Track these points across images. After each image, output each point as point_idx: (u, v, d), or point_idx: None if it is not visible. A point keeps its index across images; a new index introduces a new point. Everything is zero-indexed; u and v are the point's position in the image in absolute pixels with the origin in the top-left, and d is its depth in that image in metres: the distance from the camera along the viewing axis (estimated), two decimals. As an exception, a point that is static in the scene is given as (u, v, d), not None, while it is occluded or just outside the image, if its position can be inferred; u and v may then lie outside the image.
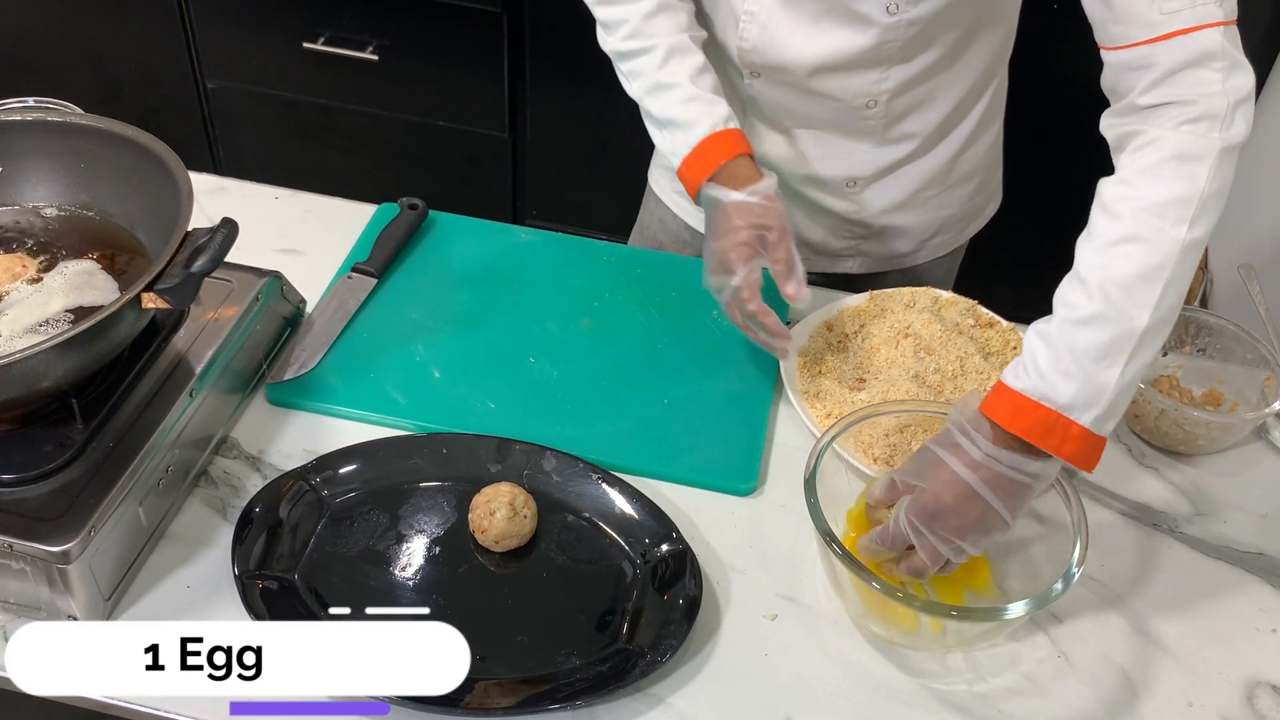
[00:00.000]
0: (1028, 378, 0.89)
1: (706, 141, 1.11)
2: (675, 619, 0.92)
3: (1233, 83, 0.91)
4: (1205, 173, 0.89)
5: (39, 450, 0.92)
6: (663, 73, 1.14)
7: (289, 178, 1.51)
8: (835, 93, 1.17)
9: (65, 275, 1.00)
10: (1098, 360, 0.88)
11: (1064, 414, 0.88)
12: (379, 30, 2.17)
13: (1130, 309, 0.88)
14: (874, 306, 1.22)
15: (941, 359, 1.15)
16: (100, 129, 1.03)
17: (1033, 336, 0.92)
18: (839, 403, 1.12)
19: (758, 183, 1.09)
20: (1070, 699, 0.92)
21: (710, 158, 1.11)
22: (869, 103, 1.17)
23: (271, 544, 0.96)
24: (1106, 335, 0.88)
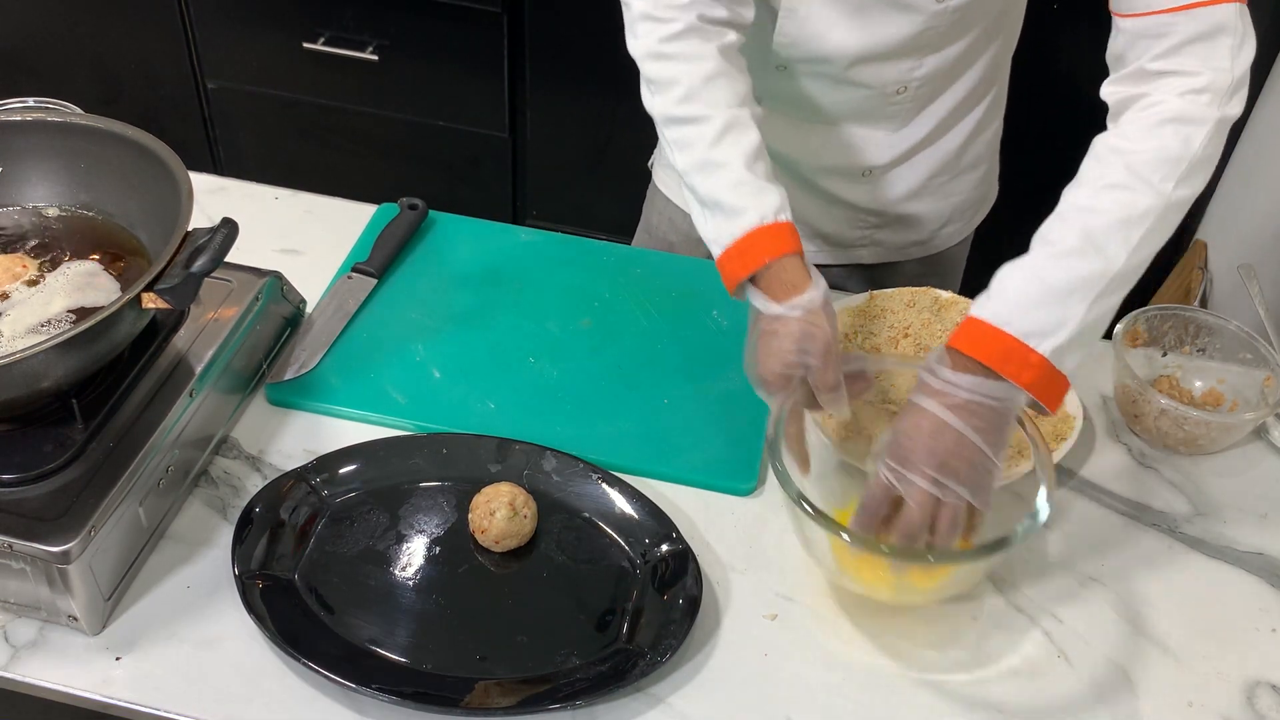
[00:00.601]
0: (991, 305, 0.91)
1: (754, 235, 0.99)
2: (675, 619, 0.92)
3: (1240, 59, 0.93)
4: (1200, 138, 0.91)
5: (39, 450, 0.92)
6: (715, 150, 1.01)
7: (289, 178, 1.51)
8: (869, 81, 1.15)
9: (67, 276, 1.00)
10: (1067, 293, 0.89)
11: (1023, 340, 0.89)
12: (379, 30, 2.17)
13: (1109, 248, 0.90)
14: (874, 307, 1.22)
15: None
16: (100, 129, 1.03)
17: (1005, 268, 0.93)
18: None
19: (802, 294, 0.97)
20: (1070, 699, 0.92)
21: (755, 253, 0.98)
22: (899, 89, 1.16)
23: (271, 544, 0.97)
24: (1080, 271, 0.89)
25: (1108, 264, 0.90)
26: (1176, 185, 0.91)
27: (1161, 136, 0.91)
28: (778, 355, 0.97)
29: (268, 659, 0.90)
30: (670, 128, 1.05)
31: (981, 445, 0.89)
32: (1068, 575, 1.02)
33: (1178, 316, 1.21)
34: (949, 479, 0.89)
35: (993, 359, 0.89)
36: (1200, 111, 0.92)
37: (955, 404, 0.89)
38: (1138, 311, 1.19)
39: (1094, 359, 1.24)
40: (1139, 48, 0.94)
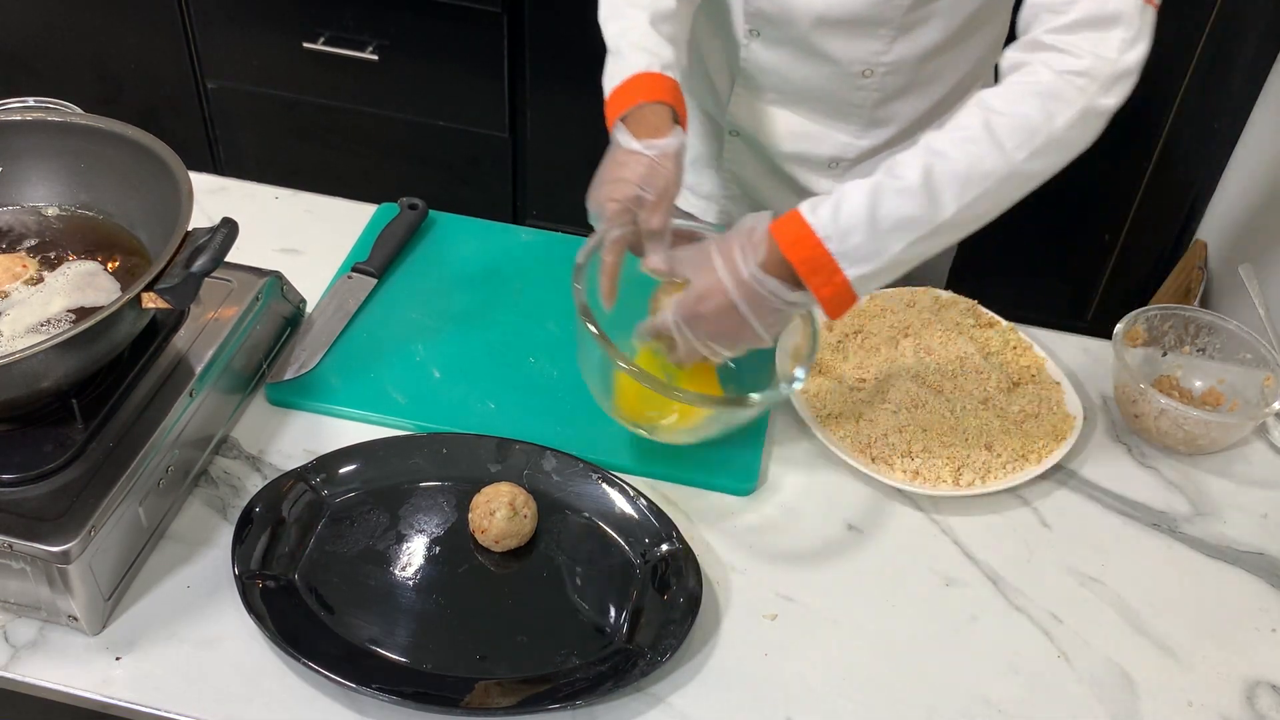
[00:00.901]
0: (823, 216, 0.93)
1: (635, 79, 1.05)
2: (675, 619, 0.92)
3: (1128, 55, 0.94)
4: (1065, 118, 0.92)
5: (39, 450, 0.92)
6: (630, 7, 1.08)
7: (289, 178, 1.51)
8: (835, 54, 1.16)
9: (68, 276, 1.00)
10: (891, 228, 0.93)
11: (837, 260, 0.93)
12: (379, 30, 2.17)
13: (943, 197, 0.92)
14: (874, 306, 1.22)
15: (941, 358, 1.15)
16: (100, 129, 1.03)
17: (848, 186, 0.94)
18: (839, 402, 1.12)
19: (659, 138, 1.01)
20: (1070, 699, 0.93)
21: (630, 95, 1.04)
22: (865, 71, 1.17)
23: (271, 544, 0.97)
24: (909, 210, 0.92)
25: (937, 211, 0.92)
26: (1028, 156, 0.93)
27: (1028, 105, 0.93)
28: (618, 185, 1.01)
29: (268, 659, 0.90)
30: None
31: (760, 331, 0.96)
32: (1068, 575, 1.02)
33: (1178, 316, 1.21)
34: (723, 348, 0.98)
35: (804, 267, 0.93)
36: (1071, 93, 0.93)
37: (751, 295, 0.94)
38: (1138, 311, 1.19)
39: (1094, 359, 1.24)
40: (1041, 19, 0.96)
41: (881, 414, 1.10)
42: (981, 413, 1.11)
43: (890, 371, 1.14)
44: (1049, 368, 1.18)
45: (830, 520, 1.05)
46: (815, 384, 1.15)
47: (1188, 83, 2.03)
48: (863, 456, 1.08)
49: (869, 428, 1.09)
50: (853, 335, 1.19)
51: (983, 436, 1.09)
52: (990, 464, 1.07)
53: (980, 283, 2.51)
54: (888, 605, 0.98)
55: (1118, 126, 1.00)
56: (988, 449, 1.08)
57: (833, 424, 1.11)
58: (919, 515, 1.06)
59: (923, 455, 1.07)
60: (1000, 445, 1.08)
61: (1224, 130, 2.07)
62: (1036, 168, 0.94)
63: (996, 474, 1.07)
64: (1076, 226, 2.26)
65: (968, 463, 1.07)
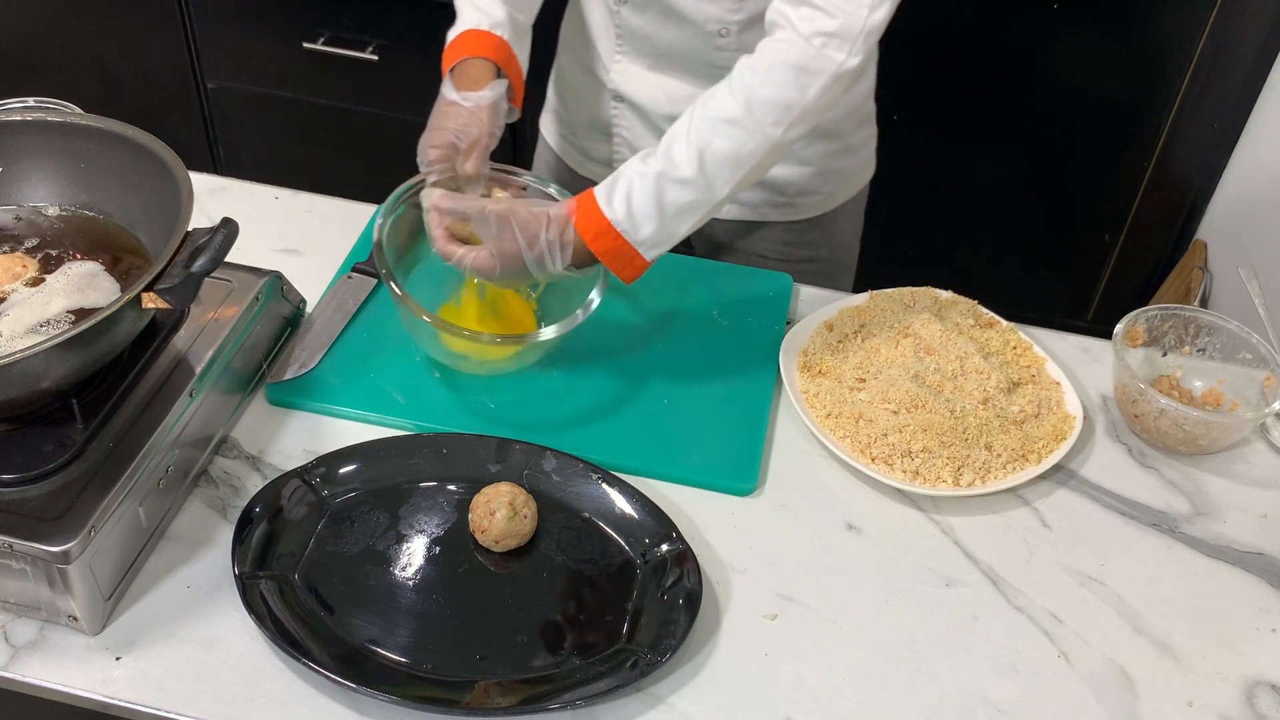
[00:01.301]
0: (620, 211, 1.03)
1: (464, 35, 1.15)
2: (675, 619, 0.92)
3: (875, 15, 1.00)
4: (816, 88, 1.01)
5: (39, 450, 0.92)
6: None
7: (289, 178, 1.51)
8: (690, 14, 1.20)
9: (69, 276, 1.00)
10: (678, 214, 1.04)
11: (637, 248, 1.04)
12: (379, 30, 2.17)
13: (716, 182, 1.03)
14: (873, 306, 1.22)
15: (941, 359, 1.15)
16: (100, 129, 1.03)
17: (635, 176, 1.04)
18: (838, 402, 1.12)
19: (477, 90, 1.12)
20: (1070, 699, 0.93)
21: (457, 50, 1.14)
22: (721, 30, 1.21)
23: (271, 544, 0.97)
24: (691, 197, 1.03)
25: (713, 193, 1.04)
26: (786, 129, 1.02)
27: (780, 82, 1.01)
28: (438, 133, 1.12)
29: (268, 659, 0.90)
30: None
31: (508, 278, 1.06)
32: (1068, 575, 1.02)
33: (1178, 316, 1.21)
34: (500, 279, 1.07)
35: (608, 258, 1.05)
36: (820, 63, 1.00)
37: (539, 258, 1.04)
38: (1138, 311, 1.19)
39: (1094, 359, 1.24)
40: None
41: (881, 414, 1.10)
42: (981, 412, 1.11)
43: (890, 372, 1.14)
44: (1049, 368, 1.18)
45: (830, 520, 1.05)
46: (815, 384, 1.15)
47: (1188, 83, 2.03)
48: (863, 457, 1.08)
49: (869, 428, 1.09)
50: (853, 335, 1.19)
51: (983, 436, 1.09)
52: (990, 464, 1.07)
53: (980, 283, 2.51)
54: (888, 605, 0.98)
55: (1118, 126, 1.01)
56: (988, 449, 1.08)
57: (832, 424, 1.11)
58: (919, 515, 1.06)
59: (923, 455, 1.07)
60: (1000, 445, 1.08)
61: (1224, 130, 2.07)
62: (793, 136, 1.03)
63: (996, 474, 1.07)
64: (1076, 226, 2.26)
65: (968, 462, 1.07)
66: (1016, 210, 2.28)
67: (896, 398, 1.11)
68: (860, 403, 1.12)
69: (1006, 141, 2.15)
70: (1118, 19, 2.00)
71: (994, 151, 2.16)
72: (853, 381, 1.15)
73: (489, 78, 1.13)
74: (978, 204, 2.25)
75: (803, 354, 1.18)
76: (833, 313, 1.22)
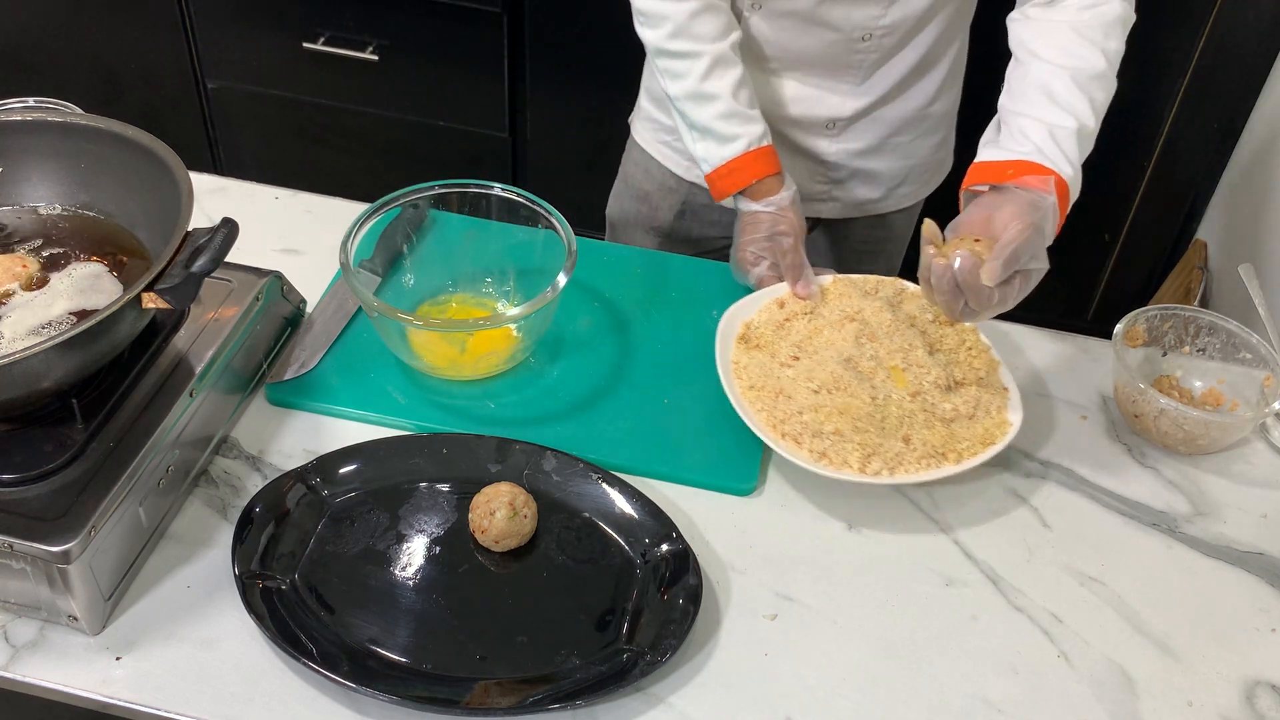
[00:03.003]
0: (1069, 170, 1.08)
1: (744, 158, 1.23)
2: (675, 619, 0.92)
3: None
4: (1125, 38, 1.15)
5: (39, 450, 0.92)
6: (706, 84, 1.21)
7: (289, 178, 1.51)
8: (837, 22, 1.23)
9: (72, 278, 1.00)
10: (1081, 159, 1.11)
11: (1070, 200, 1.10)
12: (379, 30, 2.17)
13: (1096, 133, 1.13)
14: (833, 289, 1.21)
15: (883, 348, 1.13)
16: (100, 129, 1.03)
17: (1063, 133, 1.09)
18: (765, 375, 1.11)
19: (775, 194, 1.23)
20: (1070, 699, 0.93)
21: (744, 174, 1.23)
22: (865, 35, 1.24)
23: (271, 544, 0.97)
24: (1090, 149, 1.12)
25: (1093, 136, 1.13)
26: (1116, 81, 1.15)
27: (1116, 36, 1.14)
28: (753, 240, 1.23)
29: (268, 659, 0.90)
30: (662, 59, 1.24)
31: None
32: (1068, 575, 1.02)
33: (1178, 316, 1.21)
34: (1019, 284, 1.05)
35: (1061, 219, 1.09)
36: (1128, 15, 1.15)
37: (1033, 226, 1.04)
38: (1138, 311, 1.19)
39: (1094, 359, 1.24)
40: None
41: (802, 391, 1.09)
42: (907, 404, 1.09)
43: (824, 353, 1.13)
44: (1002, 373, 1.14)
45: (830, 520, 1.05)
46: (749, 356, 1.14)
47: (1188, 83, 2.03)
48: (774, 431, 1.06)
49: (787, 404, 1.08)
50: (801, 315, 1.19)
51: (902, 428, 1.06)
52: (904, 456, 1.04)
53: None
54: (888, 605, 0.98)
55: (1118, 126, 1.03)
56: (905, 441, 1.06)
57: (753, 396, 1.10)
58: (919, 515, 1.06)
59: (833, 437, 1.05)
60: (919, 439, 1.06)
61: (1224, 130, 2.07)
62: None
63: (908, 468, 1.04)
64: (1076, 226, 2.25)
65: (879, 451, 1.04)
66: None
67: (820, 378, 1.10)
68: (785, 379, 1.11)
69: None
70: (1118, 19, 1.99)
71: (994, 151, 2.16)
72: (786, 358, 1.14)
73: (779, 185, 1.24)
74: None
75: (745, 325, 1.18)
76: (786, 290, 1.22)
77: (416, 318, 1.16)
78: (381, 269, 1.22)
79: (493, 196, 1.20)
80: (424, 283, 1.23)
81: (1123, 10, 1.13)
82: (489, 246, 1.23)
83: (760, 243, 1.23)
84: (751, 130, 1.23)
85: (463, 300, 1.23)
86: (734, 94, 1.22)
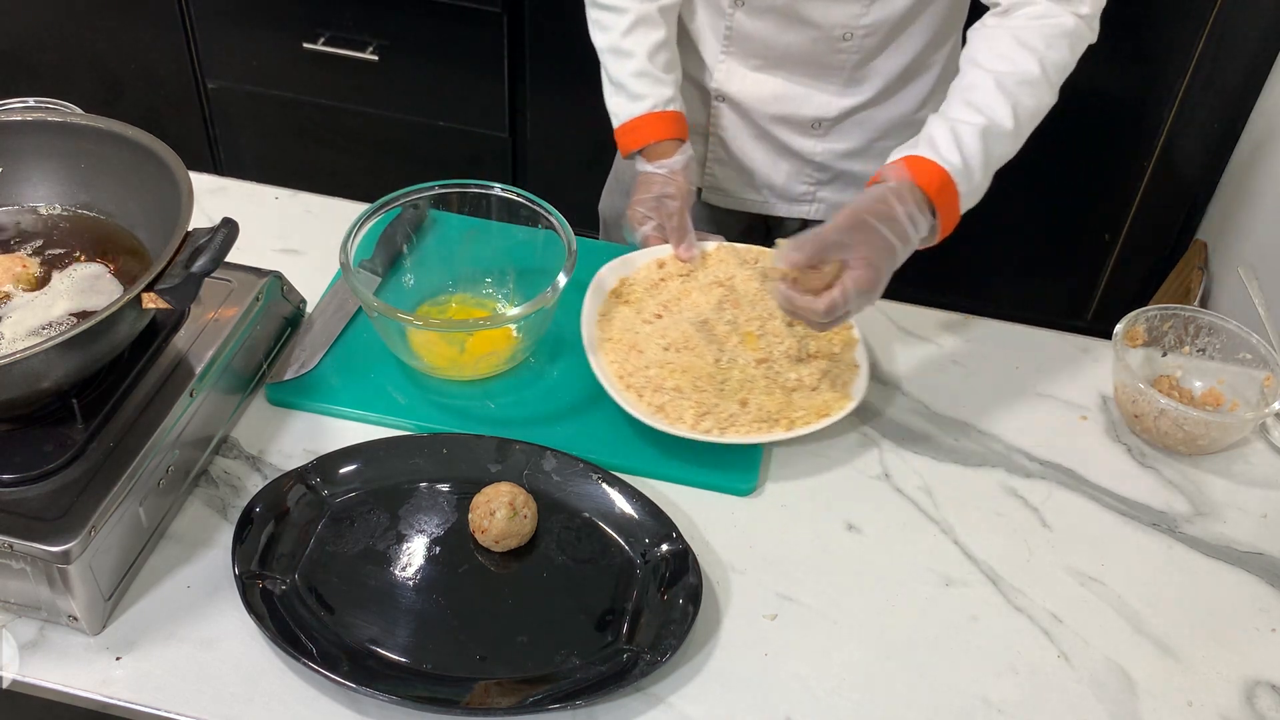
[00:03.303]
0: (955, 160, 1.06)
1: (646, 118, 1.27)
2: (675, 619, 0.92)
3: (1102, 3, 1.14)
4: (1078, 52, 1.13)
5: (39, 450, 0.92)
6: (626, 40, 1.26)
7: (289, 178, 1.51)
8: (817, 19, 1.24)
9: (73, 279, 1.00)
10: (995, 165, 1.10)
11: (961, 199, 1.07)
12: (379, 30, 2.17)
13: (1023, 136, 1.11)
14: (714, 255, 1.24)
15: (742, 314, 1.15)
16: (100, 129, 1.03)
17: (959, 128, 1.08)
18: (624, 330, 1.15)
19: (669, 158, 1.26)
20: (1070, 699, 0.93)
21: (644, 133, 1.27)
22: (845, 34, 1.25)
23: (271, 544, 0.97)
24: (1008, 149, 1.10)
25: (1017, 148, 1.11)
26: (1057, 89, 1.13)
27: (1060, 48, 1.11)
28: (642, 200, 1.25)
29: (268, 659, 0.90)
30: (593, 10, 1.30)
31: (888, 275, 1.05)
32: (1068, 575, 1.02)
33: (1178, 316, 1.21)
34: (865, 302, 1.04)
35: (944, 210, 1.07)
36: (1085, 33, 1.13)
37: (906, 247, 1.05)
38: (1138, 311, 1.19)
39: (1094, 359, 1.24)
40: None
41: (653, 348, 1.12)
42: (751, 370, 1.11)
43: (685, 314, 1.16)
44: (857, 351, 1.16)
45: (830, 520, 1.05)
46: (615, 310, 1.18)
47: (1188, 83, 2.03)
48: (620, 382, 1.09)
49: (637, 358, 1.11)
50: (678, 276, 1.22)
51: (740, 391, 1.09)
52: (738, 418, 1.07)
53: (980, 283, 2.52)
54: (887, 605, 0.98)
55: (1118, 126, 1.02)
56: (741, 404, 1.08)
57: (609, 348, 1.13)
58: (919, 515, 1.06)
59: (672, 393, 1.08)
60: (756, 404, 1.08)
61: (1224, 130, 2.07)
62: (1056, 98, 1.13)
63: (740, 429, 1.06)
64: (1076, 226, 2.26)
65: (714, 411, 1.07)
66: (1016, 210, 2.28)
67: (671, 336, 1.13)
68: (643, 334, 1.14)
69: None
70: (1118, 19, 1.99)
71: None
72: (649, 315, 1.17)
73: (675, 149, 1.26)
74: (978, 204, 2.25)
75: (622, 280, 1.21)
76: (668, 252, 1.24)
77: (416, 318, 1.16)
78: (381, 269, 1.22)
79: (493, 196, 1.20)
80: (424, 283, 1.22)
81: (1075, 25, 1.11)
82: (489, 246, 1.23)
83: (648, 203, 1.25)
84: (660, 92, 1.26)
85: (463, 300, 1.23)
86: (650, 55, 1.25)
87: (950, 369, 1.22)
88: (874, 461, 1.11)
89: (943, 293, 1.95)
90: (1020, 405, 1.18)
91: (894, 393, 1.18)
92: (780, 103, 1.34)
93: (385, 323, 1.09)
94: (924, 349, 1.24)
